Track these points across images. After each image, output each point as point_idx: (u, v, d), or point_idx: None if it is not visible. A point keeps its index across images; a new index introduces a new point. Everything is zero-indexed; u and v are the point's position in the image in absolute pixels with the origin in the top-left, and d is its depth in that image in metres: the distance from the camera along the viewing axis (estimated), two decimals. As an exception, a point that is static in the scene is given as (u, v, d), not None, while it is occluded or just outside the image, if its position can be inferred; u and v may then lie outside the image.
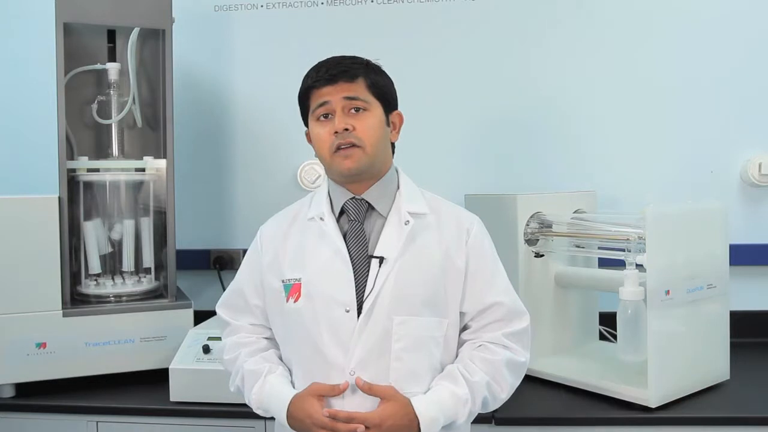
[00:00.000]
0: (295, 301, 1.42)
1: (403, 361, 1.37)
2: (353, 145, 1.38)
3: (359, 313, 1.36)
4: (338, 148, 1.39)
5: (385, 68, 1.50)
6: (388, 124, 1.46)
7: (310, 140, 1.48)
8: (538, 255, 2.03)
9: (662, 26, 2.35)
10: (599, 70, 2.38)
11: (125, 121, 2.18)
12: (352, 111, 1.40)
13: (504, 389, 1.41)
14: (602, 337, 2.21)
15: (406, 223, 1.40)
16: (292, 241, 1.47)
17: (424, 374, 1.39)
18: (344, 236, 1.43)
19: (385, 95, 1.45)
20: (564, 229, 1.97)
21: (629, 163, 2.36)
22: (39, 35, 2.26)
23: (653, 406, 1.71)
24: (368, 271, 1.38)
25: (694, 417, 1.72)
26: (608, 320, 2.06)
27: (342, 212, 1.46)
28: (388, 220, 1.42)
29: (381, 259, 1.38)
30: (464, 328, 1.46)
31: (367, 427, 1.30)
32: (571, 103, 2.39)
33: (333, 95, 1.39)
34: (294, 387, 1.42)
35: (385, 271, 1.37)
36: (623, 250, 1.76)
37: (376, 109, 1.42)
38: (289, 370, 1.47)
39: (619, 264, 1.78)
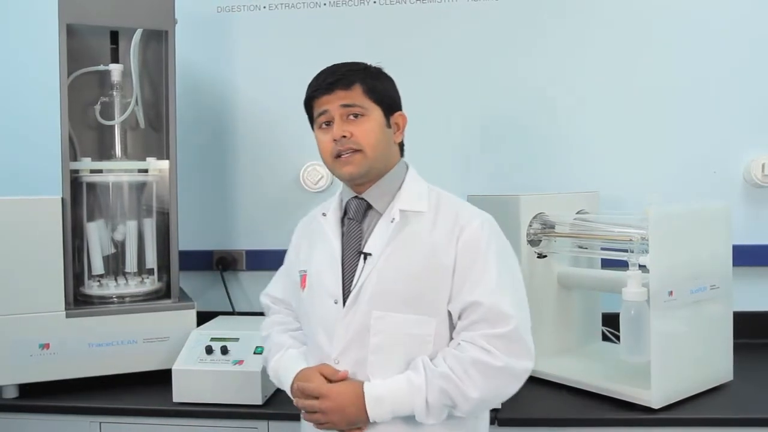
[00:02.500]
0: (303, 291, 1.53)
1: (378, 355, 1.40)
2: (353, 151, 1.43)
3: (344, 304, 1.43)
4: (339, 155, 1.44)
5: (387, 69, 1.51)
6: (389, 126, 1.48)
7: None
8: (540, 256, 2.03)
9: (665, 26, 2.35)
10: (602, 70, 2.37)
11: (128, 122, 2.19)
12: (351, 117, 1.44)
13: (471, 388, 1.34)
14: (605, 337, 2.21)
15: (392, 220, 1.43)
16: (310, 235, 1.57)
17: (402, 371, 1.39)
18: (344, 232, 1.50)
19: (384, 99, 1.47)
20: (567, 230, 1.97)
21: (632, 164, 2.36)
22: (42, 36, 2.26)
23: (656, 407, 1.71)
24: (357, 266, 1.44)
25: (697, 418, 1.71)
26: (611, 321, 2.05)
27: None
28: (382, 218, 1.47)
29: (366, 255, 1.43)
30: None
31: (316, 397, 1.38)
32: (574, 103, 2.39)
33: (331, 104, 1.44)
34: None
35: (370, 266, 1.42)
36: (626, 251, 1.76)
37: (375, 112, 1.45)
38: None
39: (622, 265, 1.77)
